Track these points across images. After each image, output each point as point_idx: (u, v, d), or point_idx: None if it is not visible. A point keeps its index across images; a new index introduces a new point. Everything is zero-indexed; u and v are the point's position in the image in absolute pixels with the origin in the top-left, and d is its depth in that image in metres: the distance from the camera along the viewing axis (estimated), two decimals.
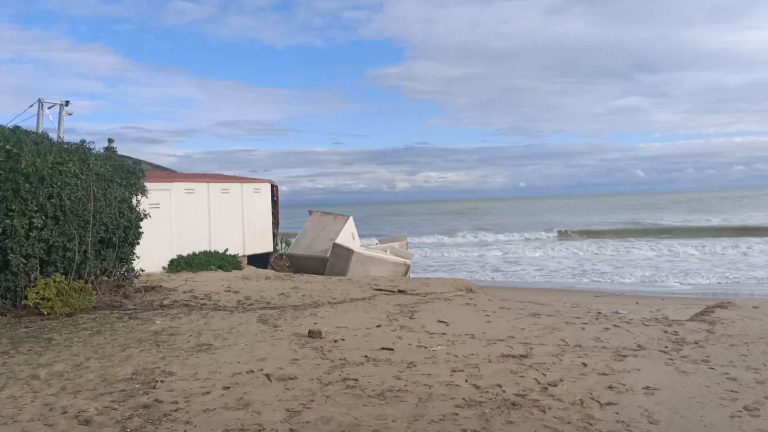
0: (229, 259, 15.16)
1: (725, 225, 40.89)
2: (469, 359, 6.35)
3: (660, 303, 13.76)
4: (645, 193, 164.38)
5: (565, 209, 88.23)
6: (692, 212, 64.68)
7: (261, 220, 17.26)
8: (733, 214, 55.40)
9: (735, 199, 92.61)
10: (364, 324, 8.43)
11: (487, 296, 11.15)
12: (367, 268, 17.67)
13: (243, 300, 10.89)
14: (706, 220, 47.44)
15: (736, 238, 32.81)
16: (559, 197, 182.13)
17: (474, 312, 9.23)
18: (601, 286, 19.32)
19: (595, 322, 8.34)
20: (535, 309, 9.45)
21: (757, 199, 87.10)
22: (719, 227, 40.01)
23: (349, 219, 19.88)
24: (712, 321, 8.08)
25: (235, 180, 16.64)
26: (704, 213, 61.37)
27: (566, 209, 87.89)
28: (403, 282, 12.77)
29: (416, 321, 8.60)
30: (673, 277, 20.42)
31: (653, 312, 11.96)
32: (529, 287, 19.50)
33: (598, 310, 12.13)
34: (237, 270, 15.05)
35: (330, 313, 9.42)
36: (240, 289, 12.16)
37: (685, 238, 34.99)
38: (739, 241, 30.81)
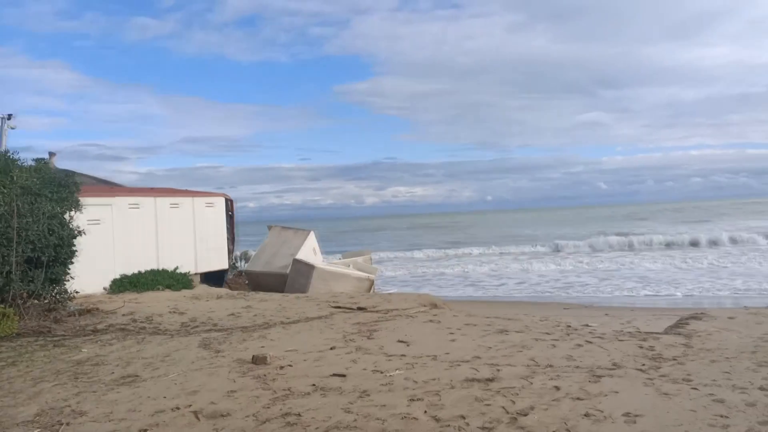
0: (178, 277, 14.22)
1: (700, 236, 41.23)
2: (430, 385, 5.65)
3: (630, 314, 13.33)
4: (609, 205, 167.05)
5: (534, 222, 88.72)
6: (660, 222, 65.51)
7: (215, 236, 16.35)
8: (702, 225, 56.21)
9: (708, 209, 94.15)
10: (317, 346, 7.67)
11: (452, 312, 10.49)
12: (329, 284, 16.91)
13: (188, 322, 10.02)
14: (678, 232, 48.00)
15: (712, 249, 33.07)
16: (526, 210, 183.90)
17: (437, 330, 8.56)
18: (569, 298, 18.90)
19: (566, 338, 7.74)
20: (503, 325, 8.82)
21: (737, 209, 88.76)
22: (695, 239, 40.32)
23: (310, 234, 19.12)
24: (688, 334, 7.57)
25: (186, 194, 15.73)
26: (672, 224, 62.13)
27: (535, 222, 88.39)
28: (365, 298, 12.04)
29: (374, 341, 7.88)
30: (641, 288, 20.14)
31: (624, 324, 11.48)
32: (497, 300, 18.95)
33: (567, 324, 11.58)
34: (187, 289, 14.12)
35: (281, 335, 8.64)
36: (187, 310, 11.27)
37: (652, 250, 35.15)
38: (708, 252, 31.04)
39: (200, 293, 13.52)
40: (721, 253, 29.83)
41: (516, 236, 53.73)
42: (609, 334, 8.16)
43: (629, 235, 40.62)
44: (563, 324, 11.32)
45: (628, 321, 11.93)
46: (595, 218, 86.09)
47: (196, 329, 9.41)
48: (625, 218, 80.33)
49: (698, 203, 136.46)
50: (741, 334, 7.43)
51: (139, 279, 13.63)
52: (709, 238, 36.48)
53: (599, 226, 62.80)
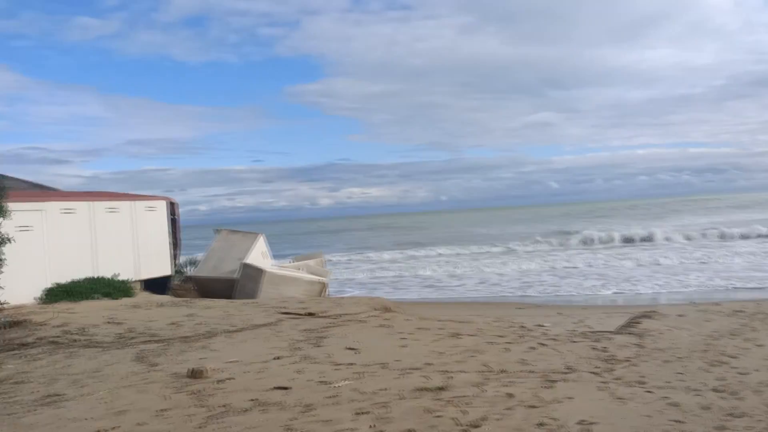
0: (117, 285, 13.51)
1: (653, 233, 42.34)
2: (378, 396, 5.34)
3: (582, 313, 13.35)
4: (562, 204, 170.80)
5: (490, 221, 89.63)
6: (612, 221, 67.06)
7: (157, 241, 15.65)
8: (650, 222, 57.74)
9: (663, 206, 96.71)
10: (262, 356, 7.26)
11: (405, 316, 10.22)
12: (280, 288, 16.44)
13: (124, 333, 9.43)
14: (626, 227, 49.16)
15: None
16: (480, 210, 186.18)
17: (389, 335, 8.26)
18: (526, 297, 18.91)
19: (520, 340, 7.57)
20: (456, 328, 8.60)
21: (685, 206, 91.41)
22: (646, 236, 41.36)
23: (259, 237, 18.59)
24: (640, 333, 7.50)
25: (125, 198, 14.99)
26: (629, 221, 63.62)
27: (492, 221, 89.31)
28: (315, 303, 11.67)
29: (322, 349, 7.53)
30: (600, 286, 20.31)
31: (576, 324, 11.45)
32: (454, 301, 18.81)
33: (521, 324, 11.47)
34: (127, 297, 13.43)
35: (224, 345, 8.18)
36: (124, 320, 10.65)
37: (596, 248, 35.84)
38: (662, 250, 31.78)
39: (140, 301, 12.86)
40: (675, 249, 30.49)
41: (474, 236, 54.02)
42: (562, 335, 8.03)
43: (589, 233, 41.28)
44: (517, 325, 11.21)
45: (581, 320, 11.92)
46: (552, 216, 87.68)
47: (133, 341, 8.85)
48: (582, 216, 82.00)
49: (647, 201, 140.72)
50: (691, 332, 7.40)
51: (75, 288, 12.86)
52: (664, 235, 37.46)
53: (558, 224, 63.91)
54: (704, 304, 10.38)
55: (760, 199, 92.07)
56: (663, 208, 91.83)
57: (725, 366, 5.75)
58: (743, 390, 5.00)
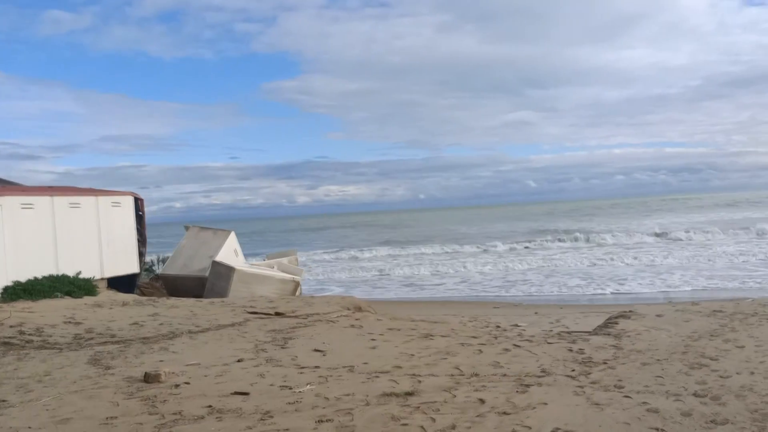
0: (79, 283, 12.97)
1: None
2: (343, 402, 5.02)
3: (559, 313, 13.18)
4: (540, 203, 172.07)
5: (470, 220, 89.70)
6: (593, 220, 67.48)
7: (123, 238, 15.11)
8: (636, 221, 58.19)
9: (646, 205, 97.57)
10: (224, 358, 6.89)
11: (377, 315, 9.90)
12: (251, 287, 16.03)
13: (82, 334, 8.97)
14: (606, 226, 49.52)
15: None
16: (459, 208, 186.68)
17: (358, 336, 7.94)
18: (502, 296, 18.71)
19: (494, 341, 7.29)
20: (428, 328, 8.31)
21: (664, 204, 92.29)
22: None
23: (230, 234, 18.13)
24: (618, 334, 7.27)
25: (89, 193, 14.43)
26: (612, 220, 64.06)
27: (471, 219, 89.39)
28: (285, 302, 11.29)
29: (288, 351, 7.18)
30: (586, 285, 20.16)
31: (553, 323, 11.26)
32: (432, 300, 18.55)
33: (497, 324, 11.24)
34: (90, 296, 12.90)
35: (186, 346, 7.78)
36: (84, 320, 10.17)
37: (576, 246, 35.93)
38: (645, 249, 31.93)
39: (104, 300, 12.35)
40: (660, 247, 30.61)
41: (456, 234, 53.97)
42: (538, 336, 7.79)
43: (573, 232, 41.38)
44: (492, 325, 10.97)
45: (557, 320, 11.73)
46: (534, 215, 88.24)
47: (90, 342, 8.40)
48: (566, 215, 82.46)
49: (627, 200, 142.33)
50: (670, 333, 7.19)
51: (35, 286, 12.30)
52: (648, 233, 37.77)
53: (542, 223, 64.20)
54: (682, 304, 10.24)
55: (740, 198, 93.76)
56: (645, 206, 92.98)
57: (705, 369, 5.53)
58: (725, 395, 4.78)
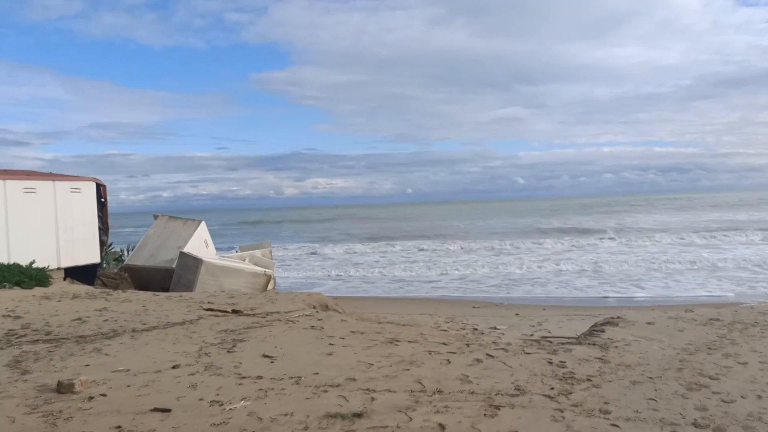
0: (31, 273, 12.08)
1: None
2: (277, 425, 4.22)
3: (541, 314, 12.44)
4: (528, 199, 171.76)
5: (461, 215, 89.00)
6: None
7: (83, 226, 14.20)
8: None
9: (647, 203, 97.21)
10: (159, 364, 6.06)
11: (342, 315, 9.09)
12: (220, 280, 15.18)
13: (16, 330, 8.10)
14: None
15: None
16: (447, 203, 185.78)
17: (316, 339, 7.13)
18: (487, 294, 17.96)
19: (465, 349, 6.50)
20: (395, 332, 7.51)
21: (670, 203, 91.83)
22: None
23: (201, 224, 17.28)
24: (604, 344, 6.51)
25: (45, 177, 13.50)
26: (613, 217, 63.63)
27: (463, 215, 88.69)
28: (246, 299, 10.46)
29: (234, 356, 6.36)
30: (599, 285, 19.40)
31: (534, 327, 10.51)
32: (410, 298, 17.74)
33: (474, 326, 10.49)
34: (42, 287, 12.02)
35: (123, 347, 6.94)
36: (25, 314, 9.30)
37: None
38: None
39: (55, 292, 11.47)
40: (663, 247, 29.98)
41: (450, 229, 53.21)
42: (515, 344, 7.00)
43: (570, 230, 40.84)
44: (469, 327, 10.20)
45: (539, 323, 10.98)
46: (528, 211, 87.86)
47: (20, 340, 7.54)
48: (561, 212, 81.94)
49: (616, 198, 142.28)
50: (663, 344, 6.43)
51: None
52: (637, 231, 37.35)
53: (536, 219, 63.68)
54: (675, 309, 9.51)
55: (731, 200, 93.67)
56: (638, 205, 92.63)
57: (705, 390, 4.77)
58: (730, 425, 4.02)
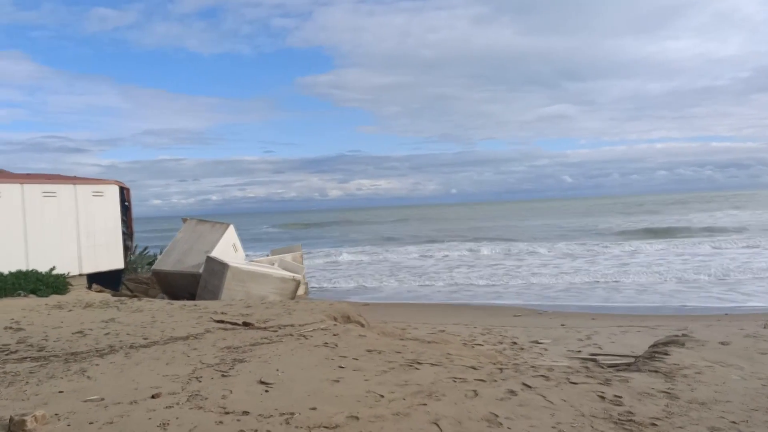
0: (49, 280, 11.62)
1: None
2: None
3: (591, 326, 11.22)
4: (577, 198, 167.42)
5: (512, 214, 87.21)
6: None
7: (106, 231, 13.73)
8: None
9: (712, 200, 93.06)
10: (141, 391, 5.26)
11: (362, 330, 8.14)
12: (247, 285, 14.53)
13: (11, 345, 7.50)
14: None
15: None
16: (492, 203, 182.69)
17: (326, 360, 6.21)
18: (531, 299, 16.73)
19: (497, 376, 5.46)
20: (418, 351, 6.52)
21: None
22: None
23: (229, 228, 16.72)
24: (669, 372, 5.36)
25: (65, 181, 13.07)
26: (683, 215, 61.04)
27: (514, 214, 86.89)
28: (262, 309, 9.66)
29: (227, 381, 5.50)
30: (616, 288, 18.07)
31: (582, 341, 9.35)
32: (448, 304, 16.68)
33: (513, 339, 9.40)
34: (59, 294, 11.55)
35: (111, 368, 6.19)
36: (29, 325, 8.75)
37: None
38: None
39: (68, 300, 10.94)
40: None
41: (499, 231, 51.81)
42: (559, 367, 5.92)
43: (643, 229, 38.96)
44: (508, 340, 9.14)
45: (588, 336, 9.80)
46: (580, 210, 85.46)
47: (8, 357, 6.90)
48: (620, 211, 79.21)
49: (672, 196, 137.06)
50: (743, 372, 5.24)
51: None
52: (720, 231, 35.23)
53: (593, 219, 61.61)
54: (745, 320, 8.20)
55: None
56: (693, 203, 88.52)
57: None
58: None
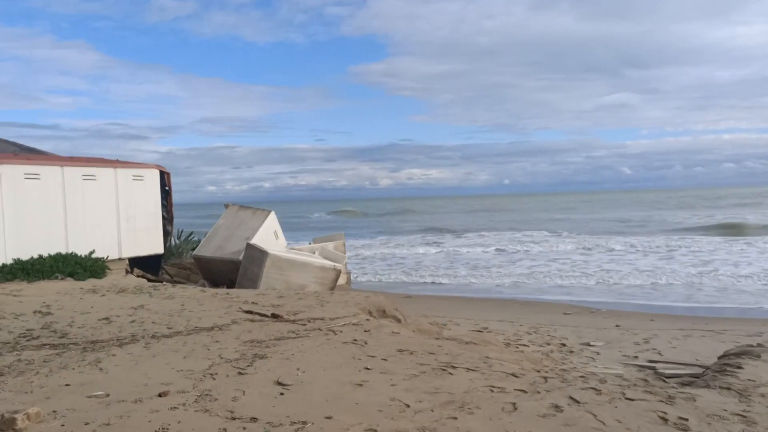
0: (87, 264, 11.56)
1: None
2: None
3: (649, 327, 10.36)
4: (636, 191, 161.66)
5: (563, 206, 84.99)
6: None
7: (146, 215, 13.63)
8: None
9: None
10: (150, 387, 4.90)
11: (396, 326, 7.58)
12: (286, 274, 14.20)
13: (36, 329, 7.32)
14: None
15: None
16: (545, 195, 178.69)
17: (352, 360, 5.71)
18: (583, 294, 15.84)
19: (541, 386, 4.83)
20: (454, 353, 5.93)
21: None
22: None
23: (270, 214, 16.45)
24: (744, 389, 4.61)
25: (105, 164, 12.99)
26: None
27: (566, 206, 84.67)
28: (295, 300, 9.24)
29: (242, 380, 5.07)
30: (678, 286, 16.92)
31: (639, 345, 8.56)
32: (490, 298, 15.97)
33: (561, 340, 8.70)
34: (96, 278, 11.47)
35: (127, 359, 5.87)
36: (59, 309, 8.60)
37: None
38: None
39: (104, 285, 10.83)
40: None
41: (562, 222, 50.48)
42: (611, 376, 5.24)
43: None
44: (555, 342, 8.44)
45: (645, 339, 8.99)
46: (654, 203, 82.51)
47: (29, 343, 6.69)
48: (684, 204, 76.12)
49: (741, 190, 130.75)
50: None
51: (34, 265, 10.99)
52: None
53: (662, 212, 59.30)
54: None
55: None
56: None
57: None
58: None
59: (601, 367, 7.15)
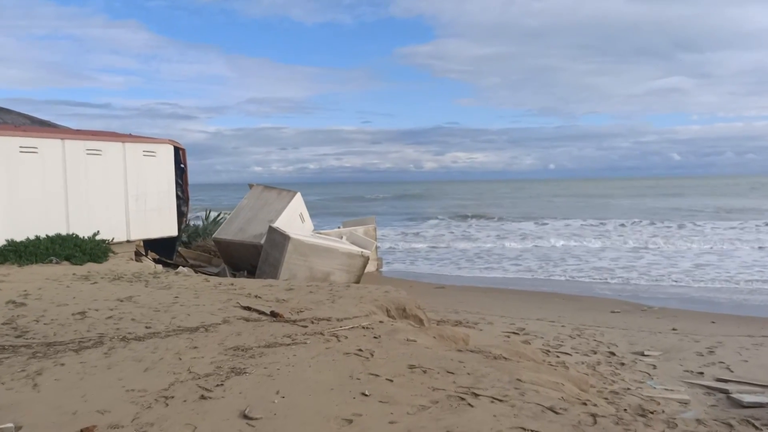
0: (86, 247, 10.70)
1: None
2: None
3: (711, 331, 8.91)
4: (685, 177, 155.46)
5: (613, 192, 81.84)
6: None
7: (158, 194, 12.69)
8: None
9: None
10: (79, 416, 3.86)
11: (413, 332, 6.34)
12: (310, 260, 13.20)
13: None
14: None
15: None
16: (592, 180, 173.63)
17: (348, 381, 4.54)
18: (634, 289, 14.27)
19: (588, 429, 3.57)
20: (478, 372, 4.70)
21: None
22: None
23: (296, 196, 15.46)
24: None
25: (113, 137, 12.04)
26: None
27: (614, 192, 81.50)
28: (304, 294, 8.11)
29: (201, 408, 3.97)
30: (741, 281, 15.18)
31: (703, 356, 7.17)
32: (529, 291, 14.54)
33: (609, 347, 7.38)
34: (96, 262, 10.60)
35: (75, 370, 4.85)
36: (36, 299, 7.71)
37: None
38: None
39: (100, 270, 9.93)
40: None
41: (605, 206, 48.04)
42: (673, 402, 3.93)
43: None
44: (602, 350, 7.12)
45: (709, 348, 7.57)
46: (713, 190, 78.66)
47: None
48: (742, 191, 72.15)
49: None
50: None
51: (27, 247, 10.18)
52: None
53: (723, 199, 55.99)
54: None
55: None
56: None
57: None
58: None
59: (661, 389, 5.82)
